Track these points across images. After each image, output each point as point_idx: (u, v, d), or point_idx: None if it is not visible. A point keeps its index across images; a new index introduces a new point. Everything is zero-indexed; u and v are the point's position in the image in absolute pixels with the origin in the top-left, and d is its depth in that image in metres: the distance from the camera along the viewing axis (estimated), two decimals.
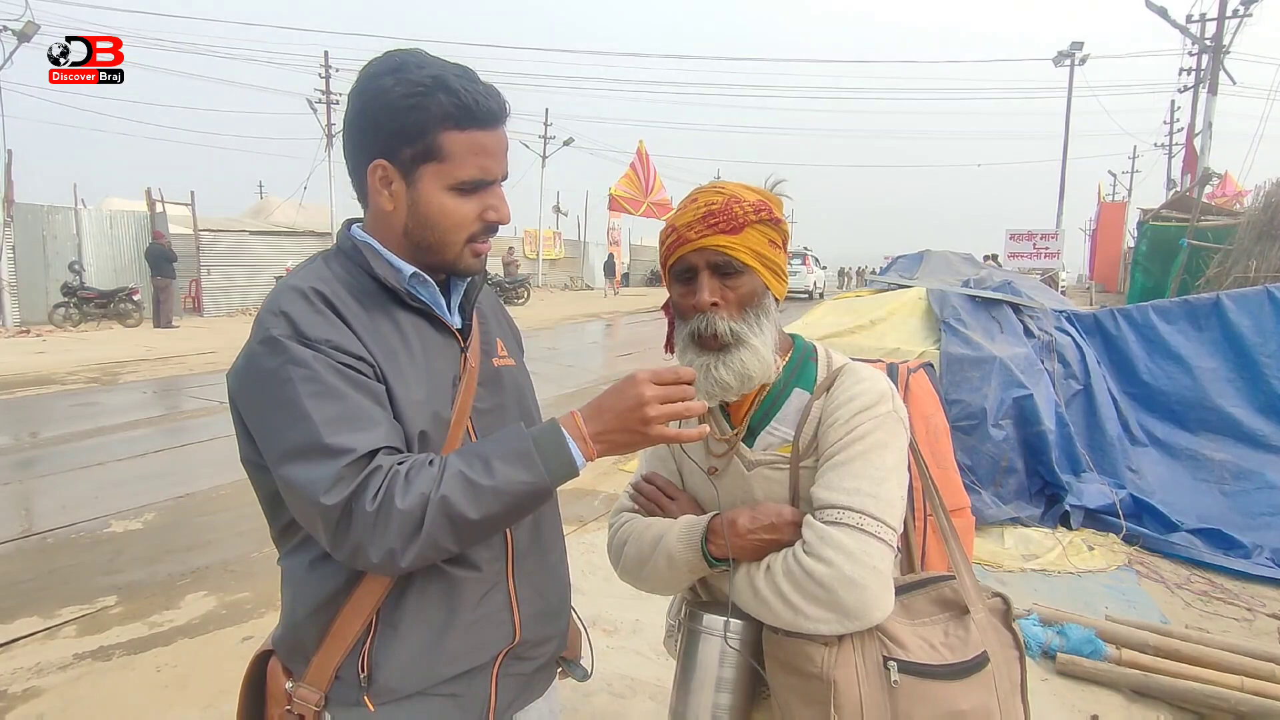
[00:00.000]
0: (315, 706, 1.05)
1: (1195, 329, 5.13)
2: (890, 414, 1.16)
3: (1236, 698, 2.67)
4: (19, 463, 6.09)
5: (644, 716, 2.69)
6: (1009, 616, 1.24)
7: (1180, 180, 23.18)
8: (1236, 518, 4.37)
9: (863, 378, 1.19)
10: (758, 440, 1.23)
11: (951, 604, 1.17)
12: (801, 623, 1.07)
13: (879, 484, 1.10)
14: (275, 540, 1.12)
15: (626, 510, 1.35)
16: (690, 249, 1.17)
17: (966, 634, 1.14)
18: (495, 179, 1.06)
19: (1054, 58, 26.44)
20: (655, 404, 0.96)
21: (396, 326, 1.05)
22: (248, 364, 0.99)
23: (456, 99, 0.99)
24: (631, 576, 1.30)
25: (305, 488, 0.91)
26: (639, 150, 27.89)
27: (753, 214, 1.16)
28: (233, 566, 4.02)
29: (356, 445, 0.92)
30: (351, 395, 0.95)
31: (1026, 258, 17.43)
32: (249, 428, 1.00)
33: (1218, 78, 18.18)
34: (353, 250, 1.08)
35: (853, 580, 1.04)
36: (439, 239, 1.06)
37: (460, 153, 1.01)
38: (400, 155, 1.01)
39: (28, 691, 2.85)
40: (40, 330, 14.49)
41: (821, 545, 1.06)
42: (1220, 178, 19.24)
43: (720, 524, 1.16)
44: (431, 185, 1.03)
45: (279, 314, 0.97)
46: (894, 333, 5.14)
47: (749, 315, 1.18)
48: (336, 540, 0.92)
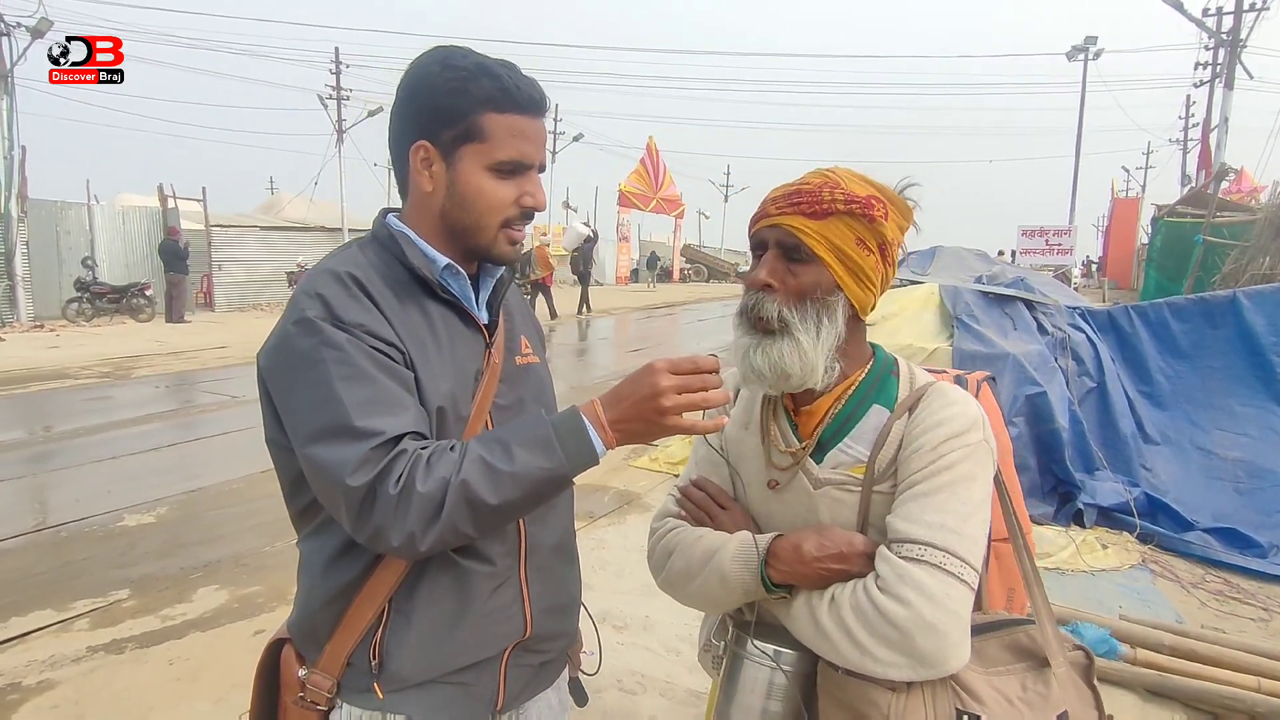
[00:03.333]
0: (327, 694, 1.06)
1: (1210, 326, 5.08)
2: (981, 444, 1.06)
3: (1253, 699, 2.64)
4: (33, 456, 6.14)
5: (654, 713, 2.69)
6: (1090, 672, 1.13)
7: (1195, 176, 22.97)
8: (1252, 516, 4.33)
9: (952, 400, 1.09)
10: (827, 457, 1.12)
11: (1028, 653, 1.08)
12: (868, 664, 0.97)
13: (964, 520, 1.01)
14: (294, 522, 1.12)
15: (672, 516, 1.24)
16: (766, 224, 1.10)
17: (1047, 690, 1.05)
18: (533, 164, 1.07)
19: (1067, 52, 26.22)
20: (671, 394, 0.95)
21: (426, 316, 1.06)
22: (280, 344, 1.00)
23: (498, 83, 1.02)
24: (675, 590, 1.20)
25: (332, 468, 0.92)
26: (649, 146, 27.88)
27: (843, 204, 1.05)
28: (244, 561, 4.04)
29: (385, 429, 0.93)
30: (381, 379, 0.96)
31: (1039, 254, 17.30)
32: (277, 407, 1.01)
33: (1234, 72, 18.01)
34: (388, 239, 1.09)
35: (932, 625, 0.95)
36: (474, 221, 1.06)
37: (500, 134, 1.03)
38: (442, 137, 1.04)
39: (42, 684, 2.87)
40: (54, 325, 14.60)
41: (899, 584, 0.97)
42: (1236, 173, 19.05)
43: (782, 547, 1.06)
44: (471, 165, 1.04)
45: (314, 296, 0.98)
46: (906, 329, 5.11)
47: (806, 308, 1.07)
48: (359, 522, 0.93)
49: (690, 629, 3.14)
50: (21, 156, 15.16)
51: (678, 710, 2.71)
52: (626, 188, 27.90)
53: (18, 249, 15.01)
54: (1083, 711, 1.08)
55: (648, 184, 28.26)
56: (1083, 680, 1.12)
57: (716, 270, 36.51)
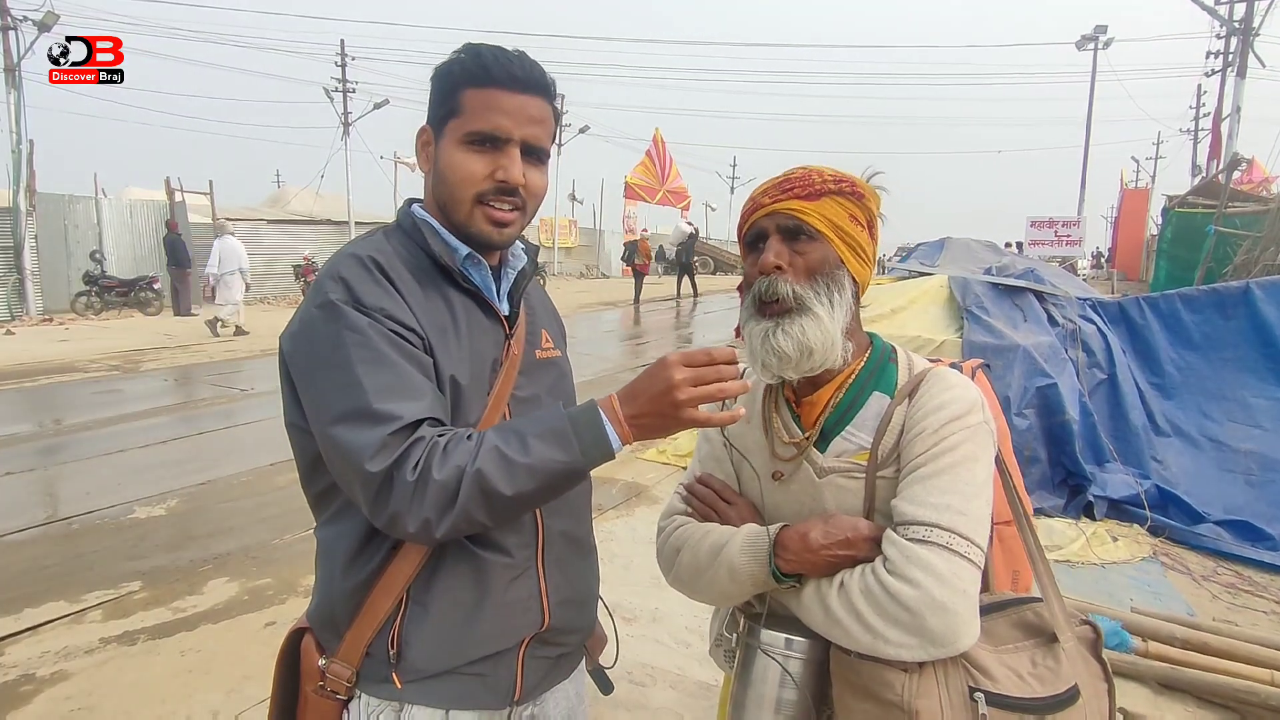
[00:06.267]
0: (347, 683, 1.07)
1: (1222, 318, 5.05)
2: (981, 425, 1.08)
3: (1266, 691, 2.63)
4: (44, 449, 6.17)
5: (664, 705, 2.69)
6: (1098, 646, 1.15)
7: (1206, 166, 22.77)
8: (1264, 509, 4.30)
9: (952, 384, 1.11)
10: (831, 445, 1.14)
11: (1037, 630, 1.10)
12: (880, 647, 0.99)
13: (969, 500, 1.03)
14: (311, 506, 1.13)
15: (679, 513, 1.25)
16: (763, 214, 1.13)
17: (1057, 664, 1.06)
18: (509, 138, 1.05)
19: (1077, 41, 26.03)
20: (686, 387, 0.94)
21: (448, 304, 1.07)
22: (303, 327, 1.00)
23: (479, 60, 1.04)
24: (685, 586, 1.21)
25: (351, 452, 0.92)
26: (655, 138, 27.76)
27: (832, 184, 1.11)
28: (254, 553, 4.05)
29: (403, 414, 0.93)
30: (402, 364, 0.97)
31: (1048, 245, 17.23)
32: (298, 389, 1.02)
33: (1246, 61, 17.81)
34: (411, 227, 1.11)
35: (942, 604, 0.96)
36: (450, 194, 1.07)
37: (475, 107, 1.05)
38: (435, 118, 1.08)
39: (55, 675, 2.89)
40: (63, 319, 14.68)
41: (908, 565, 0.98)
42: (1248, 163, 18.87)
43: (789, 537, 1.07)
44: (449, 140, 1.07)
45: (338, 279, 0.99)
46: (915, 321, 5.09)
47: (817, 283, 1.10)
48: (375, 507, 0.94)
49: (699, 621, 3.14)
50: (30, 150, 15.21)
51: (688, 702, 2.72)
52: (633, 180, 27.79)
53: (26, 242, 15.09)
54: (1092, 684, 1.10)
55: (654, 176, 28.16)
56: (1090, 654, 1.14)
57: (723, 262, 36.40)
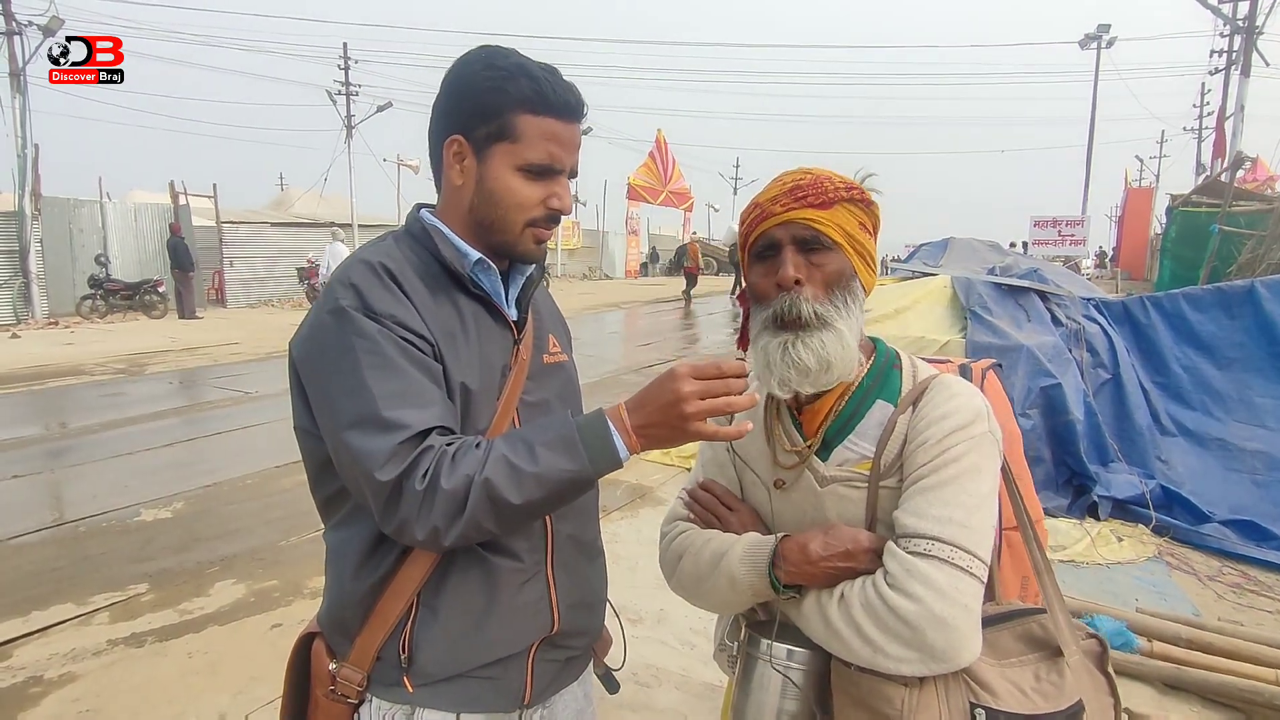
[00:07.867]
0: (358, 687, 1.07)
1: (1228, 317, 5.03)
2: (985, 435, 1.06)
3: (1271, 691, 2.62)
4: (50, 452, 6.20)
5: (669, 705, 2.70)
6: (1105, 660, 1.13)
7: (1210, 165, 22.70)
8: (1270, 509, 4.29)
9: (956, 393, 1.09)
10: (833, 454, 1.12)
11: (1042, 643, 1.08)
12: (880, 661, 0.98)
13: (971, 513, 1.01)
14: (320, 510, 1.14)
15: (681, 519, 1.24)
16: (774, 223, 1.09)
17: (1061, 679, 1.04)
18: (563, 169, 1.08)
19: (1080, 40, 25.98)
20: (694, 400, 0.94)
21: (457, 310, 1.07)
22: (313, 332, 1.01)
23: (536, 85, 1.03)
24: (686, 593, 1.20)
25: (362, 460, 0.93)
26: (657, 139, 27.79)
27: (844, 191, 1.09)
28: (261, 555, 4.07)
29: (412, 422, 0.94)
30: (411, 371, 0.97)
31: (1052, 244, 17.19)
32: (308, 394, 1.02)
33: (1250, 59, 17.77)
34: (421, 233, 1.10)
35: (942, 619, 0.95)
36: (500, 217, 1.07)
37: (532, 136, 1.04)
38: (476, 133, 1.05)
39: (63, 677, 2.90)
40: (68, 322, 14.74)
41: (908, 579, 0.97)
42: (1252, 162, 18.81)
43: (789, 548, 1.06)
44: (501, 164, 1.05)
45: (348, 285, 1.00)
46: (919, 321, 5.09)
47: (836, 297, 1.08)
48: (385, 514, 0.95)
49: (704, 622, 3.15)
50: (35, 154, 15.28)
51: (693, 703, 2.72)
52: (635, 181, 27.84)
53: (32, 246, 15.14)
54: (1098, 699, 1.08)
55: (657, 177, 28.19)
56: (1097, 668, 1.12)
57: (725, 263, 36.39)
